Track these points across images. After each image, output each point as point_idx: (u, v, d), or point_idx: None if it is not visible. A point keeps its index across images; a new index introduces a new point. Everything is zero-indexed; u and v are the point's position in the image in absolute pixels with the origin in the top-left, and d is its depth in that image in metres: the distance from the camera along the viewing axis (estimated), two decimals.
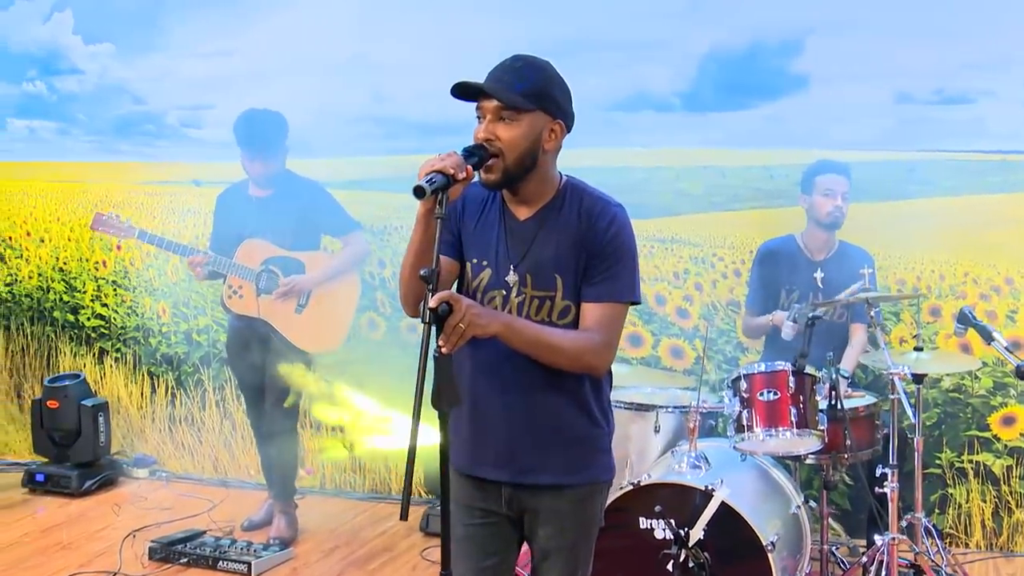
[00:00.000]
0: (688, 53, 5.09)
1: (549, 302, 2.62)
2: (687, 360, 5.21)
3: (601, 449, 2.73)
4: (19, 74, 6.43)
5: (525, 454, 2.66)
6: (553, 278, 2.62)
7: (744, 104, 5.05)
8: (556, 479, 2.67)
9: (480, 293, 2.68)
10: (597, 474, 2.73)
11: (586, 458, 2.70)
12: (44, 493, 5.97)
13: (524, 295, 2.63)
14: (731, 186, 5.14)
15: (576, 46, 5.21)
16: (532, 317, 2.62)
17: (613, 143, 5.26)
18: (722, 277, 5.15)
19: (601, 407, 2.72)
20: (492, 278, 2.67)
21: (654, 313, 5.26)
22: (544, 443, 2.66)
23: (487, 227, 2.71)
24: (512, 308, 2.64)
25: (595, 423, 2.71)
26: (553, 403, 2.65)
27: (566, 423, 2.66)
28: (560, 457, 2.67)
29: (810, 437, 3.87)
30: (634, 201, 5.20)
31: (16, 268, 6.60)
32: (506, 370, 2.63)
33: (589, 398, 2.68)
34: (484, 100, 2.58)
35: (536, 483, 2.67)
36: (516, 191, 2.66)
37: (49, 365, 6.55)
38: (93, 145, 6.31)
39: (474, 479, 2.73)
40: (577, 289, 2.61)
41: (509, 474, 2.69)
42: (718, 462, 3.97)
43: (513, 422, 2.67)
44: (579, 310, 2.61)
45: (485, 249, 2.69)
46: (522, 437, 2.67)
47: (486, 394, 2.68)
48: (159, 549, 4.90)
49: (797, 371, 3.85)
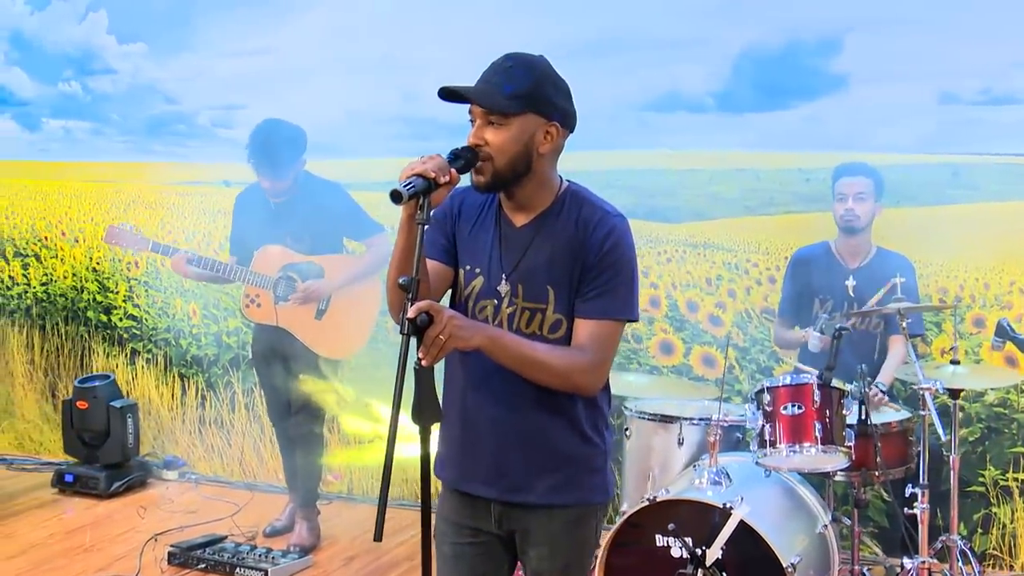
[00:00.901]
0: (722, 52, 4.92)
1: (540, 315, 2.49)
2: (719, 369, 5.03)
3: (594, 469, 2.59)
4: (55, 74, 6.44)
5: (514, 471, 2.54)
6: (545, 290, 2.49)
7: (780, 105, 4.87)
8: (546, 499, 2.54)
9: (472, 302, 2.56)
10: (589, 496, 2.58)
11: (577, 478, 2.56)
12: (73, 494, 5.96)
13: (515, 306, 2.51)
14: (766, 190, 4.96)
15: (608, 45, 5.06)
16: (522, 330, 2.49)
17: (645, 145, 5.11)
18: (756, 284, 4.98)
19: (595, 425, 2.58)
20: (484, 286, 2.55)
21: (686, 320, 5.10)
22: (534, 461, 2.53)
23: (482, 233, 2.58)
24: (503, 319, 2.51)
25: (587, 442, 2.56)
26: (544, 419, 2.52)
27: (556, 441, 2.53)
28: (550, 476, 2.53)
29: (836, 454, 3.69)
30: (666, 204, 5.12)
31: (51, 268, 6.61)
32: (496, 383, 2.51)
33: (581, 415, 2.54)
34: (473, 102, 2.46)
35: (525, 502, 2.55)
36: (512, 196, 2.54)
37: (82, 365, 6.55)
38: (126, 145, 6.29)
39: (463, 495, 2.62)
40: (570, 302, 2.47)
41: (498, 491, 2.56)
42: (740, 478, 3.80)
43: (502, 437, 2.54)
44: (570, 324, 2.48)
45: (478, 256, 2.57)
46: (511, 453, 2.54)
47: (476, 407, 2.56)
48: (178, 554, 4.85)
49: (823, 384, 3.68)
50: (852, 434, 3.71)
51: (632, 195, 5.16)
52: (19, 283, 6.71)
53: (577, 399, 2.51)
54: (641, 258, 5.05)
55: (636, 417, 4.32)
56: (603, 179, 5.19)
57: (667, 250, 5.12)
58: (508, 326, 2.50)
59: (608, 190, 5.13)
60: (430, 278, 2.51)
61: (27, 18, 6.47)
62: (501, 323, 2.51)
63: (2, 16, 6.55)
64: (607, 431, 2.63)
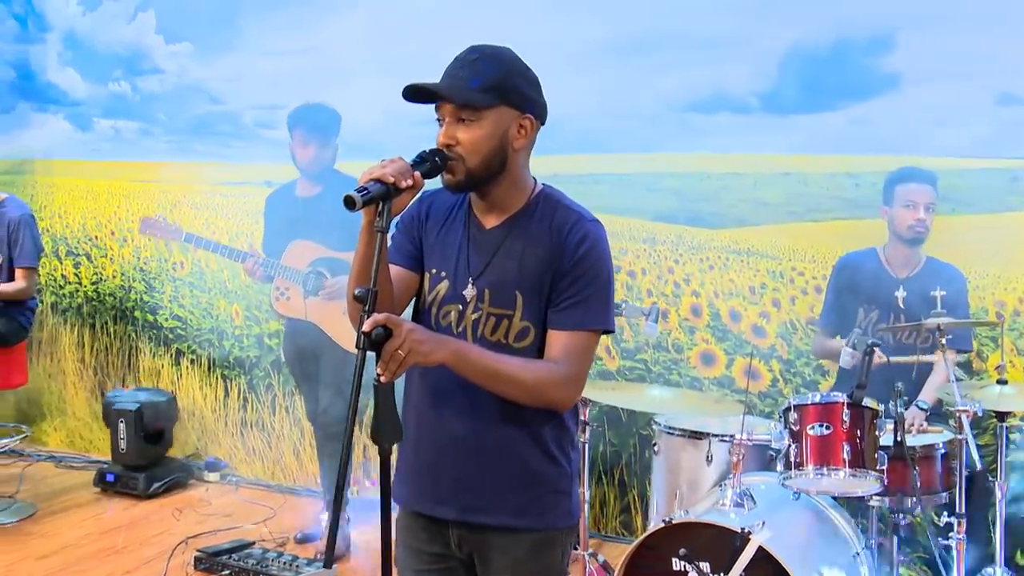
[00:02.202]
0: (768, 50, 4.69)
1: (506, 321, 2.35)
2: (763, 382, 4.82)
3: (559, 491, 2.43)
4: (106, 74, 6.47)
5: (475, 490, 2.40)
6: (513, 295, 2.34)
7: (828, 105, 4.62)
8: (506, 521, 2.39)
9: (435, 307, 2.42)
10: (553, 520, 2.43)
11: (541, 501, 2.41)
12: (114, 494, 5.96)
13: (481, 311, 2.37)
14: (813, 195, 4.72)
15: (650, 43, 4.88)
16: (487, 337, 2.35)
17: (687, 147, 4.91)
18: (801, 293, 4.74)
19: (561, 444, 2.42)
20: (449, 291, 2.41)
21: (728, 330, 4.89)
22: (496, 480, 2.39)
23: (450, 235, 2.45)
24: (467, 325, 2.37)
25: (553, 462, 2.41)
26: (507, 437, 2.37)
27: (520, 460, 2.38)
28: (513, 497, 2.39)
29: (867, 478, 3.46)
30: (708, 209, 4.92)
31: (101, 267, 6.64)
32: (457, 397, 2.37)
33: (547, 434, 2.39)
34: (441, 100, 2.32)
35: (486, 523, 2.40)
36: (484, 195, 2.40)
37: (130, 364, 6.57)
38: (172, 145, 6.28)
39: (421, 517, 2.48)
40: (538, 309, 2.33)
41: (457, 511, 2.42)
42: (766, 500, 3.60)
43: (463, 455, 2.40)
44: (538, 332, 2.34)
45: (445, 259, 2.44)
46: (472, 472, 2.40)
47: (436, 423, 2.43)
48: (204, 559, 4.80)
49: (853, 403, 3.46)
50: (885, 457, 3.48)
51: (673, 199, 4.97)
52: (71, 282, 6.76)
53: (543, 416, 2.37)
54: (683, 265, 4.93)
55: (665, 432, 4.14)
56: (643, 182, 5.02)
57: (709, 257, 4.91)
58: (472, 333, 2.37)
59: (648, 194, 5.00)
60: (395, 285, 2.40)
61: (80, 19, 6.51)
62: (465, 329, 2.38)
63: (57, 17, 6.60)
64: (573, 452, 2.48)
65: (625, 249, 5.07)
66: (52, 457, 6.67)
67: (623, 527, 5.13)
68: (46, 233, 6.79)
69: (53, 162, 6.76)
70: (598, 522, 5.23)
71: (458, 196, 2.45)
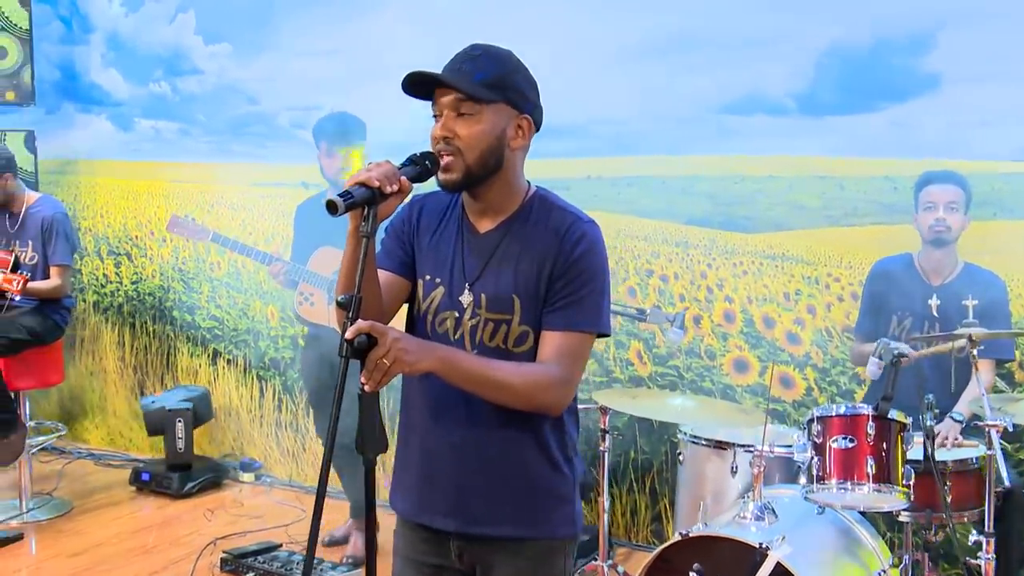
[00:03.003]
0: (805, 50, 4.57)
1: (505, 326, 2.29)
2: (797, 390, 4.70)
3: (562, 500, 2.37)
4: (147, 75, 6.50)
5: (476, 501, 2.34)
6: (510, 300, 2.28)
7: (867, 107, 4.49)
8: (507, 531, 2.33)
9: (431, 315, 2.36)
10: (555, 529, 2.36)
11: (544, 510, 2.35)
12: (149, 493, 5.99)
13: (479, 317, 2.30)
14: (850, 198, 4.59)
15: (684, 44, 4.78)
16: (486, 343, 2.29)
17: (721, 149, 4.80)
18: (837, 300, 4.61)
19: (564, 451, 2.37)
20: (444, 298, 2.35)
21: (762, 337, 4.77)
22: (497, 490, 2.33)
23: (444, 240, 2.39)
24: (464, 332, 2.31)
25: (556, 469, 2.35)
26: (508, 445, 2.32)
27: (521, 468, 2.33)
28: (514, 506, 2.33)
29: (893, 494, 3.33)
30: (743, 213, 4.80)
31: (141, 267, 6.68)
32: (457, 406, 2.32)
33: (549, 440, 2.33)
34: (439, 94, 2.26)
35: (487, 534, 2.34)
36: (477, 197, 2.34)
37: (168, 364, 6.60)
38: (210, 146, 6.30)
39: (421, 528, 2.42)
40: (536, 313, 2.27)
41: (458, 523, 2.36)
42: (789, 514, 3.48)
43: (463, 465, 2.34)
44: (537, 336, 2.27)
45: (439, 265, 2.38)
46: (473, 482, 2.34)
47: (435, 432, 2.37)
48: (230, 560, 4.79)
49: (879, 416, 3.33)
50: (911, 472, 3.35)
51: (707, 203, 4.86)
52: (112, 281, 6.82)
53: (544, 422, 2.31)
54: (716, 270, 4.82)
55: (689, 442, 4.04)
56: (676, 185, 4.93)
57: (743, 262, 4.80)
58: (471, 339, 2.31)
59: (682, 197, 4.90)
60: (385, 291, 2.36)
61: (122, 20, 6.55)
62: (463, 336, 2.32)
63: (101, 18, 6.65)
64: (576, 458, 2.41)
65: (657, 252, 4.97)
66: (92, 455, 6.73)
67: (654, 536, 5.03)
68: (89, 232, 6.86)
69: (96, 162, 6.81)
70: (628, 531, 5.14)
71: (450, 199, 2.40)
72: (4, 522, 5.45)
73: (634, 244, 5.02)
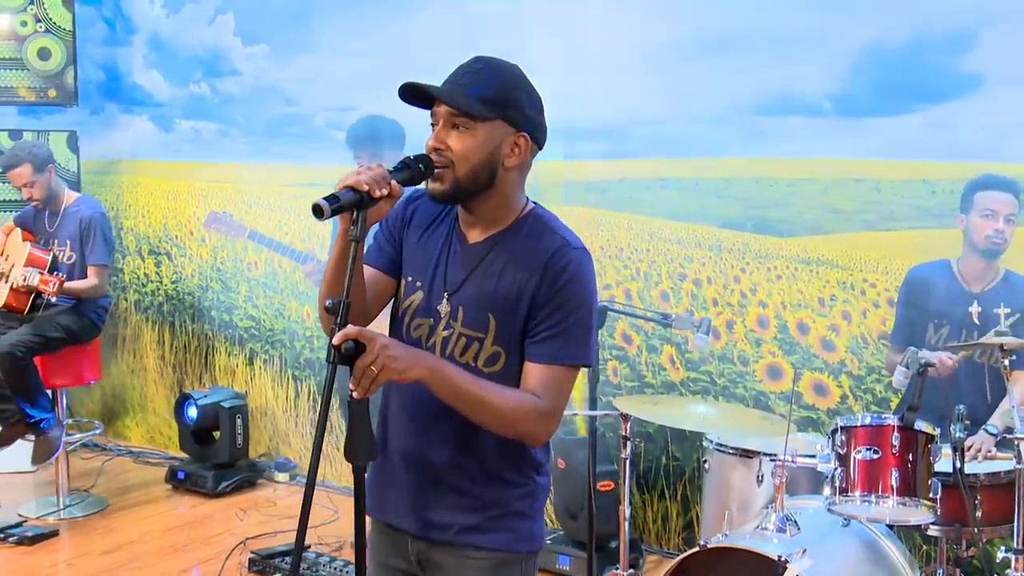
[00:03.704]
0: (841, 50, 4.46)
1: (477, 344, 2.24)
2: (831, 398, 4.59)
3: (517, 513, 2.30)
4: (187, 76, 6.54)
5: (432, 505, 2.31)
6: (486, 318, 2.23)
7: (904, 108, 4.36)
8: (460, 538, 2.28)
9: (408, 317, 2.33)
10: (510, 542, 2.29)
11: (496, 521, 2.29)
12: (184, 491, 6.02)
13: (452, 330, 2.26)
14: (886, 202, 4.46)
15: (718, 45, 4.69)
16: (456, 358, 2.25)
17: (755, 151, 4.70)
18: (873, 306, 4.49)
19: (520, 468, 2.30)
20: (422, 303, 2.32)
21: (796, 343, 4.67)
22: (448, 497, 2.29)
23: (431, 244, 2.35)
24: (436, 341, 2.27)
25: (511, 485, 2.30)
26: (460, 455, 2.27)
27: (473, 480, 2.27)
28: (467, 514, 2.28)
29: (919, 507, 3.22)
30: (777, 217, 4.70)
31: (180, 266, 6.72)
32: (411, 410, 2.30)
33: (504, 456, 2.27)
34: (438, 103, 2.22)
35: (440, 539, 2.30)
36: (470, 210, 2.29)
37: (206, 363, 6.64)
38: (248, 146, 6.32)
39: (386, 528, 2.40)
40: (510, 335, 2.21)
41: (414, 525, 2.33)
42: (812, 526, 3.39)
43: (420, 469, 2.32)
44: (509, 359, 2.22)
45: (423, 268, 2.34)
46: (429, 485, 2.31)
47: (396, 434, 2.36)
48: (258, 560, 4.81)
49: (904, 427, 3.23)
50: (938, 485, 3.24)
51: (741, 206, 4.77)
52: (152, 280, 6.87)
53: (493, 445, 2.24)
54: (749, 274, 4.73)
55: (715, 450, 3.96)
56: (710, 188, 4.85)
57: (777, 266, 4.70)
58: (441, 350, 2.27)
59: (715, 200, 4.82)
60: (369, 289, 2.33)
61: (163, 21, 6.60)
62: (434, 345, 2.28)
63: (143, 20, 6.70)
64: (538, 474, 2.33)
65: (690, 256, 4.89)
66: (131, 452, 6.79)
67: (685, 544, 4.94)
68: (130, 232, 6.92)
69: (138, 162, 6.87)
70: (660, 538, 5.06)
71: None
72: (41, 517, 5.52)
73: (667, 247, 4.95)
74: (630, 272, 5.06)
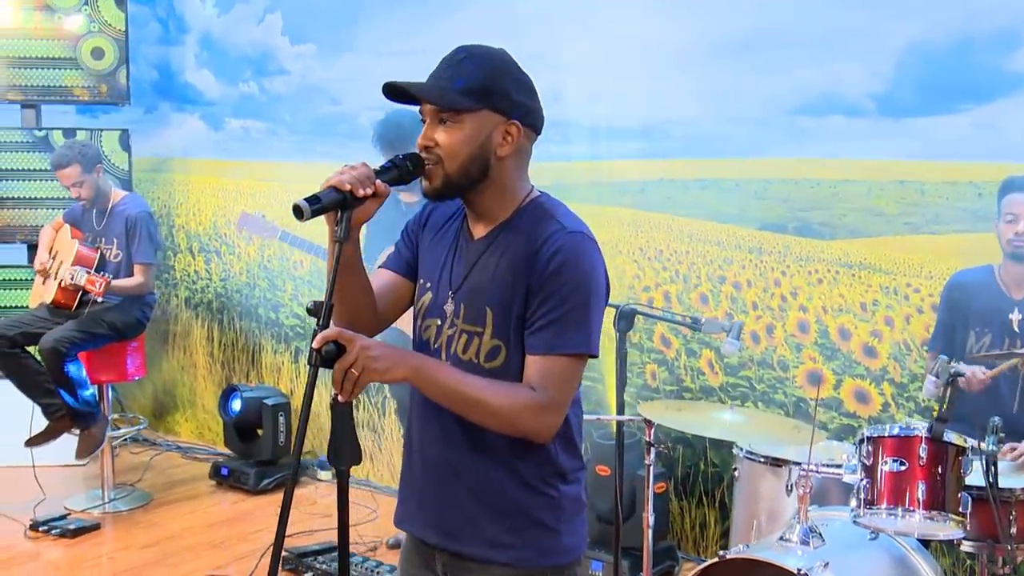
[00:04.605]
0: (884, 47, 4.33)
1: (477, 339, 2.18)
2: (873, 406, 4.47)
3: (543, 525, 2.21)
4: (236, 75, 6.59)
5: (450, 516, 2.25)
6: (484, 311, 2.17)
7: (949, 108, 4.23)
8: (482, 552, 2.22)
9: (420, 319, 2.31)
10: (536, 557, 2.21)
11: (520, 534, 2.20)
12: (227, 488, 6.07)
13: (456, 327, 2.22)
14: (931, 205, 4.33)
15: (758, 43, 4.59)
16: (459, 355, 2.20)
17: (796, 152, 4.59)
18: (917, 312, 4.36)
19: (544, 477, 2.21)
20: (431, 303, 2.29)
21: (837, 349, 4.55)
22: (472, 509, 2.22)
23: (441, 244, 2.33)
24: (443, 341, 2.24)
25: (536, 494, 2.20)
26: (480, 464, 2.20)
27: (495, 490, 2.20)
28: (487, 527, 2.21)
29: (947, 522, 3.11)
30: (818, 219, 4.59)
31: (229, 264, 6.78)
32: (440, 417, 2.23)
33: (526, 462, 2.19)
34: (423, 100, 2.19)
35: (466, 554, 2.24)
36: (471, 204, 2.25)
37: (253, 360, 6.68)
38: (295, 145, 6.35)
39: (414, 539, 2.36)
40: (509, 327, 2.14)
41: (439, 537, 2.28)
42: (838, 539, 3.28)
43: (441, 481, 2.26)
44: (509, 352, 2.15)
45: (432, 269, 2.32)
46: (451, 498, 2.25)
47: (421, 443, 2.31)
48: (291, 559, 4.81)
49: (932, 438, 3.12)
50: (968, 499, 3.12)
51: (781, 208, 4.67)
52: (202, 277, 6.94)
53: (518, 443, 2.16)
54: (790, 278, 4.63)
55: (745, 457, 3.87)
56: (750, 189, 4.75)
57: (818, 269, 4.58)
58: (447, 350, 2.23)
59: (755, 202, 4.72)
60: (387, 293, 2.34)
61: (215, 20, 6.66)
62: (441, 346, 2.24)
63: (195, 19, 6.77)
64: (566, 485, 2.24)
65: (730, 259, 4.80)
66: (179, 448, 6.87)
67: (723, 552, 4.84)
68: (181, 229, 7.00)
69: (189, 160, 6.94)
70: (697, 545, 4.98)
71: (458, 202, 2.30)
72: (86, 511, 5.60)
73: (707, 249, 4.86)
74: (669, 274, 4.98)
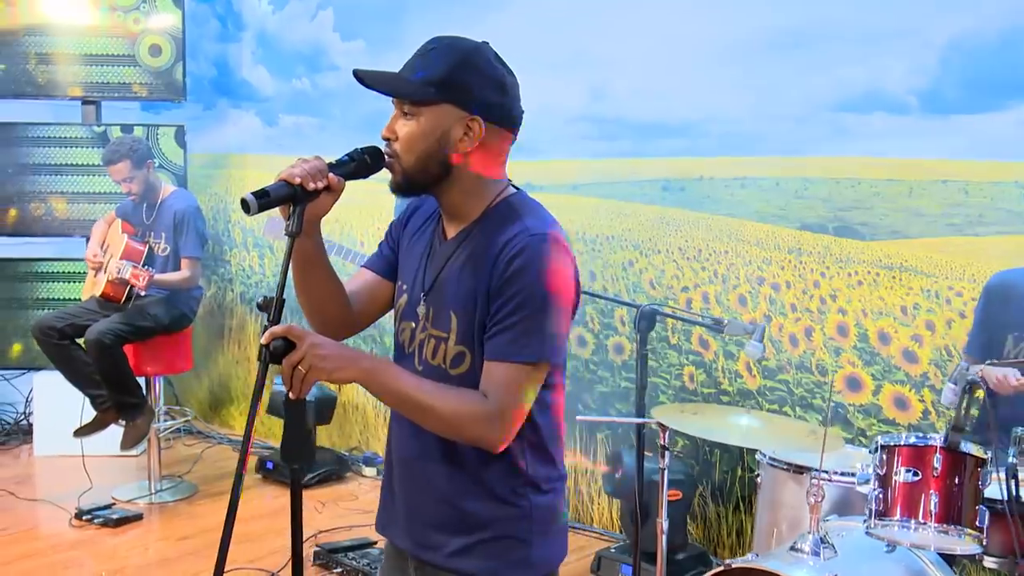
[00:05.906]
0: (928, 43, 4.17)
1: (443, 344, 2.13)
2: (913, 412, 4.31)
3: (512, 537, 2.15)
4: (289, 71, 6.65)
5: (420, 524, 2.21)
6: (448, 316, 2.12)
7: (995, 105, 4.05)
8: (449, 562, 2.16)
9: (397, 322, 2.27)
10: (503, 569, 2.14)
11: (487, 545, 2.14)
12: (272, 482, 6.12)
13: (426, 332, 2.16)
14: (975, 205, 4.16)
15: (799, 39, 4.47)
16: (430, 361, 2.15)
17: (837, 150, 4.46)
18: (959, 316, 4.19)
19: (513, 488, 2.14)
20: (406, 306, 2.24)
21: (876, 353, 4.40)
22: (439, 518, 2.17)
23: (419, 244, 2.28)
24: (416, 346, 2.19)
25: (500, 503, 2.14)
26: (446, 472, 2.15)
27: (461, 499, 2.15)
28: (453, 537, 2.16)
29: (962, 536, 2.98)
30: (859, 219, 4.46)
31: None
32: (404, 426, 2.20)
33: (492, 472, 2.12)
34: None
35: (433, 561, 2.19)
36: (440, 203, 2.20)
37: None
38: (345, 141, 6.30)
39: (391, 545, 2.34)
40: (472, 333, 2.08)
41: (410, 544, 2.24)
42: (852, 550, 3.17)
43: (411, 488, 2.22)
44: (474, 358, 2.09)
45: (408, 271, 2.28)
46: (419, 506, 2.21)
47: (399, 447, 2.28)
48: (322, 554, 4.83)
49: (948, 448, 2.98)
50: (986, 513, 2.98)
51: (822, 208, 4.53)
52: (256, 272, 7.00)
53: (485, 453, 2.09)
54: (829, 279, 4.50)
55: (768, 464, 3.77)
56: (789, 188, 4.63)
57: (858, 271, 4.44)
58: (419, 355, 2.18)
59: (795, 201, 4.60)
60: (365, 292, 2.32)
61: (270, 17, 6.72)
62: (415, 350, 2.19)
63: (251, 16, 6.85)
64: (538, 495, 2.16)
65: (769, 259, 4.68)
66: (230, 441, 6.95)
67: None
68: (236, 225, 7.08)
69: (245, 156, 7.02)
70: (734, 552, 4.86)
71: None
72: (132, 501, 5.69)
73: (746, 249, 4.74)
74: (708, 274, 4.88)
